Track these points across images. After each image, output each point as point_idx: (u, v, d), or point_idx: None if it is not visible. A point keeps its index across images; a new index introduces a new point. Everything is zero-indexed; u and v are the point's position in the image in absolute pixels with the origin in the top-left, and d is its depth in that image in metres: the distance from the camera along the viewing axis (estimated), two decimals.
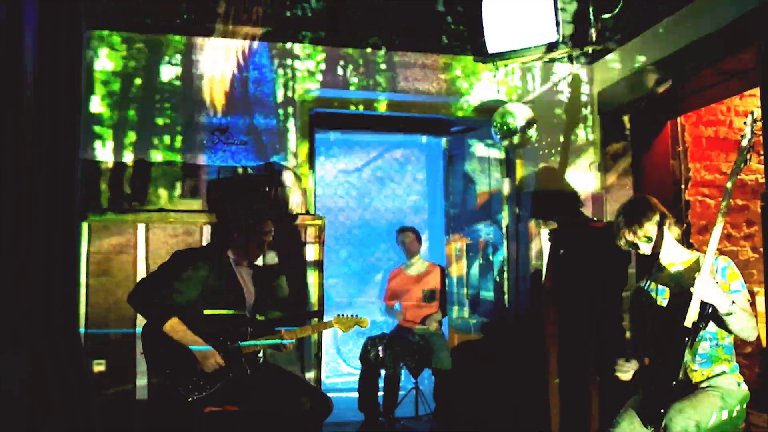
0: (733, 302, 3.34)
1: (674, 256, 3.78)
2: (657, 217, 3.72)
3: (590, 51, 4.74)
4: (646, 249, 3.75)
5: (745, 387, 3.58)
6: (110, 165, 5.06)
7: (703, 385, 3.53)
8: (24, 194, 3.32)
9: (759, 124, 3.52)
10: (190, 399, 4.05)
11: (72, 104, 3.81)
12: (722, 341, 3.57)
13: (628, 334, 5.10)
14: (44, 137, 3.50)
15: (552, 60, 5.73)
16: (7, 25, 3.15)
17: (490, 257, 6.14)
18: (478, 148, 6.37)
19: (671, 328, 3.49)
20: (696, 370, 3.57)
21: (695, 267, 3.63)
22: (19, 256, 3.28)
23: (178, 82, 5.22)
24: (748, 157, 3.46)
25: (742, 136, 3.49)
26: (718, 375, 3.56)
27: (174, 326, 4.06)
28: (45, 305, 3.50)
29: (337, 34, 5.35)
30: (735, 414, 3.45)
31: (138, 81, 5.17)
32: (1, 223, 3.16)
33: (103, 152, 5.06)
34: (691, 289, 3.40)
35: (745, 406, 3.55)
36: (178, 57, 5.23)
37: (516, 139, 5.24)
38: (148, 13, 4.94)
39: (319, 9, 4.94)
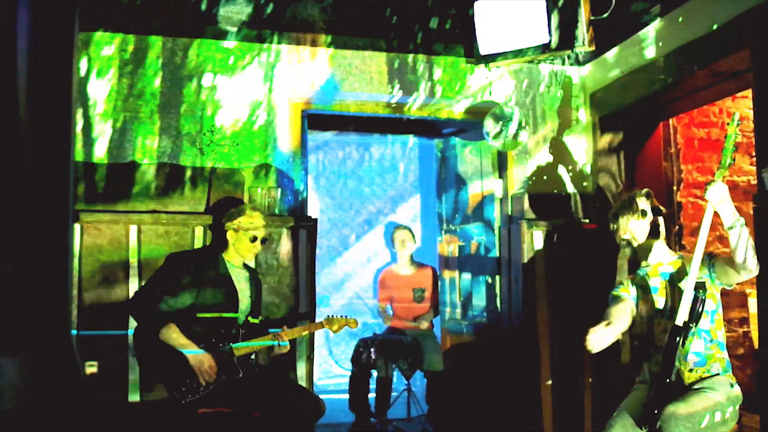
0: (740, 218, 3.44)
1: (662, 257, 3.82)
2: (650, 201, 3.82)
3: (583, 52, 4.76)
4: (640, 231, 3.78)
5: (737, 388, 3.58)
6: (103, 166, 5.04)
7: (697, 386, 3.53)
8: (24, 194, 3.31)
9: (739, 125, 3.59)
10: (183, 401, 4.04)
11: (67, 104, 3.80)
12: (715, 338, 3.57)
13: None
14: (43, 138, 3.49)
15: (545, 61, 5.74)
16: (1, 26, 3.15)
17: (482, 259, 6.14)
18: (471, 150, 6.38)
19: (663, 327, 3.52)
20: (692, 370, 3.57)
21: (683, 269, 3.65)
22: (19, 255, 3.27)
23: (166, 83, 5.21)
24: (734, 157, 3.53)
25: (726, 136, 3.53)
26: (712, 376, 3.56)
27: (168, 331, 4.05)
28: (45, 305, 3.49)
29: (329, 35, 5.35)
30: (728, 415, 3.45)
31: (124, 82, 5.16)
32: (1, 223, 3.16)
33: (96, 153, 5.04)
34: (681, 284, 3.44)
35: (737, 407, 3.55)
36: (163, 57, 5.23)
37: (508, 141, 5.25)
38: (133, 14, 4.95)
39: (311, 10, 4.94)
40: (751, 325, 5.90)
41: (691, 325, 3.41)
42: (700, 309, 3.40)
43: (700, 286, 3.46)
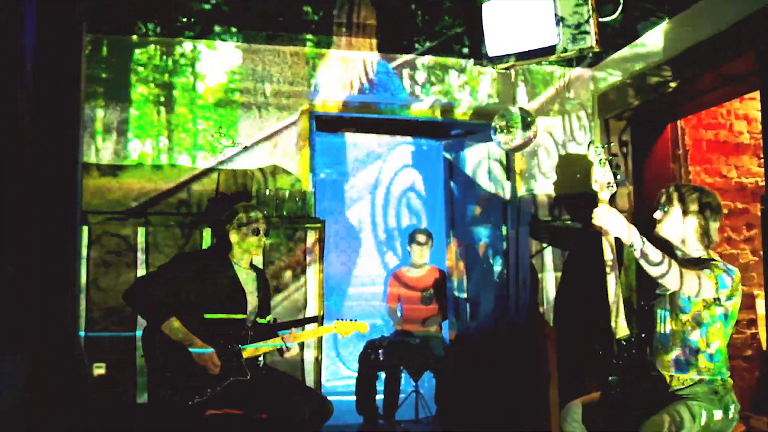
0: (643, 239, 3.28)
1: (687, 256, 3.69)
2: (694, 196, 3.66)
3: (590, 54, 4.76)
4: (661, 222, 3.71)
5: (726, 396, 3.49)
6: (111, 167, 5.07)
7: (681, 393, 3.48)
8: (24, 195, 3.32)
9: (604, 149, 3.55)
10: (190, 402, 4.05)
11: (72, 106, 3.81)
12: (704, 349, 3.49)
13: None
14: (44, 138, 3.50)
15: (552, 63, 5.74)
16: (6, 26, 3.16)
17: (490, 261, 6.14)
18: (478, 152, 6.37)
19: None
20: (672, 376, 3.54)
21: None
22: (19, 256, 3.28)
23: (175, 85, 5.24)
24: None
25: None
26: (696, 383, 3.51)
27: (173, 327, 4.06)
28: (45, 306, 3.50)
29: (336, 37, 5.36)
30: (705, 421, 3.38)
31: (134, 84, 5.19)
32: (1, 223, 3.17)
33: (104, 154, 5.07)
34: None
35: (731, 413, 3.46)
36: (171, 59, 5.25)
37: (516, 143, 5.25)
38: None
39: (313, 12, 4.95)
40: (759, 326, 5.89)
41: (632, 338, 3.40)
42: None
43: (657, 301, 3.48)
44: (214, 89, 5.29)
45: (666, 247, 3.69)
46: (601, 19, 4.38)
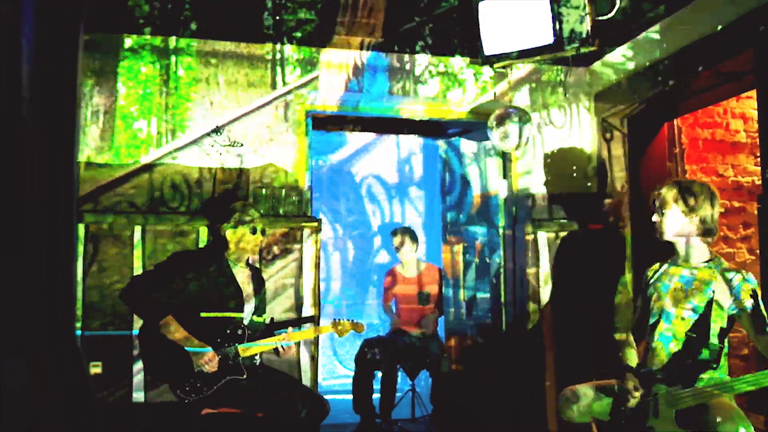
0: None
1: (691, 254, 3.64)
2: (694, 193, 3.58)
3: (587, 53, 4.75)
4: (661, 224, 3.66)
5: (725, 396, 3.50)
6: (107, 166, 5.05)
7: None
8: (25, 196, 3.31)
9: None
10: (187, 401, 4.05)
11: (70, 105, 3.80)
12: (710, 357, 3.52)
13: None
14: (44, 138, 3.49)
15: (549, 62, 5.73)
16: (6, 25, 3.15)
17: (487, 260, 6.13)
18: (475, 151, 6.37)
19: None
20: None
21: (706, 279, 3.52)
22: (20, 258, 3.27)
23: (170, 84, 5.22)
24: None
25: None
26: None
27: (169, 325, 4.06)
28: (47, 308, 3.49)
29: (332, 36, 5.35)
30: None
31: (128, 84, 5.17)
32: (2, 225, 3.16)
33: (101, 154, 5.05)
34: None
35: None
36: (167, 57, 5.24)
37: (512, 142, 5.24)
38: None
39: (312, 11, 4.95)
40: None
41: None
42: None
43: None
44: (215, 87, 5.27)
45: (667, 247, 3.71)
46: (598, 17, 4.38)
